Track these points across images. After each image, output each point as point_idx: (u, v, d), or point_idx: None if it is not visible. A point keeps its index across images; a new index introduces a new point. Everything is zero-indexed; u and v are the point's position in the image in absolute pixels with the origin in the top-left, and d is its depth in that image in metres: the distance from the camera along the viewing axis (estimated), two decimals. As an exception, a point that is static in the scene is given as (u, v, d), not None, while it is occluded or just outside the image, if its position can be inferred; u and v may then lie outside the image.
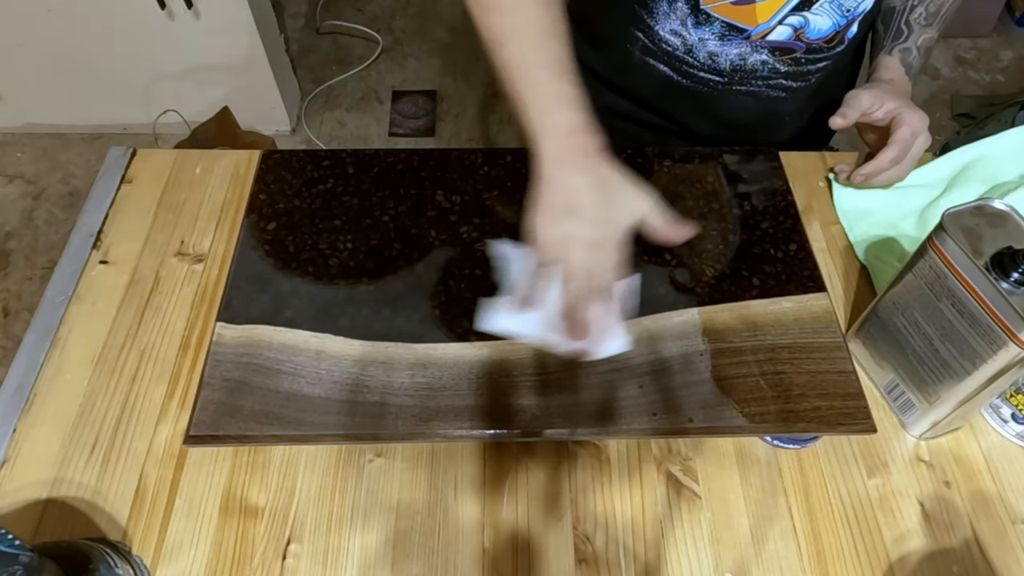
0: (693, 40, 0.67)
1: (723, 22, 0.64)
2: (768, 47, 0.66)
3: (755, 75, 0.69)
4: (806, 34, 0.65)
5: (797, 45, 0.66)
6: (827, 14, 0.64)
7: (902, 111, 0.63)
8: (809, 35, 0.65)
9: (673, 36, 0.67)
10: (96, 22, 1.54)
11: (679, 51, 0.68)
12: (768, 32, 0.65)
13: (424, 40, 2.10)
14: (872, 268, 0.64)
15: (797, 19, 0.64)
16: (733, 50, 0.67)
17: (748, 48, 0.66)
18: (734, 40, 0.66)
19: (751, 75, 0.69)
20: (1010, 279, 0.44)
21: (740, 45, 0.66)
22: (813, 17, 0.64)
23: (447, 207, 0.60)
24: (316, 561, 0.49)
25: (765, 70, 0.68)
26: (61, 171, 1.77)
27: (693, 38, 0.66)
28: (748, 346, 0.52)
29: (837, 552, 0.50)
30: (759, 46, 0.66)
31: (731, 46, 0.66)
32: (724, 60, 0.67)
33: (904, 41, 0.69)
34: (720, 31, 0.65)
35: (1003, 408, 0.55)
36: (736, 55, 0.67)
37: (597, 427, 0.49)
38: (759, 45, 0.66)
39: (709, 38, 0.66)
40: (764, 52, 0.67)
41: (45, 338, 0.58)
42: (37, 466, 0.52)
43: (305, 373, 0.50)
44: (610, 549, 0.50)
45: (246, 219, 0.59)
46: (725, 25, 0.65)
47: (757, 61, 0.68)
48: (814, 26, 0.65)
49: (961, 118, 1.85)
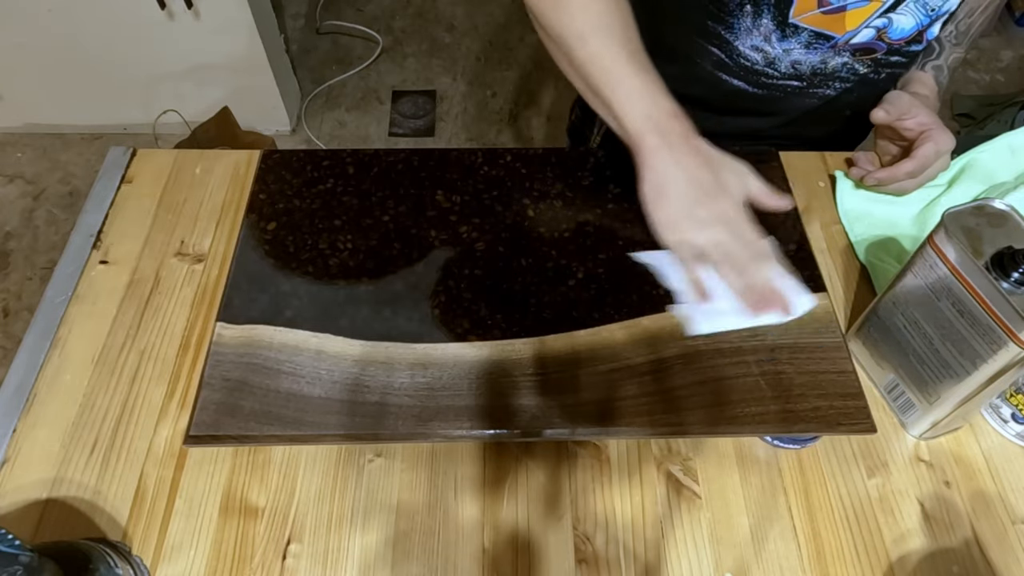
0: (777, 52, 0.66)
1: (811, 31, 0.64)
2: (851, 49, 0.66)
3: (834, 76, 0.68)
4: (888, 34, 0.65)
5: (879, 45, 0.66)
6: (912, 14, 0.63)
7: (933, 129, 0.62)
8: (892, 35, 0.65)
9: (754, 52, 0.66)
10: (96, 22, 1.54)
11: (759, 65, 0.67)
12: (853, 37, 0.64)
13: (424, 40, 2.10)
14: (872, 268, 0.64)
15: (882, 20, 0.63)
16: (816, 57, 0.66)
17: (831, 52, 0.66)
18: (820, 48, 0.65)
19: (830, 77, 0.68)
20: (1010, 279, 0.44)
21: (825, 52, 0.66)
22: (897, 17, 0.63)
23: (447, 207, 0.60)
24: (316, 561, 0.49)
25: (844, 71, 0.68)
26: (61, 171, 1.77)
27: (777, 51, 0.65)
28: (748, 346, 0.52)
29: (837, 552, 0.50)
30: (842, 50, 0.66)
31: (815, 54, 0.66)
32: (806, 66, 0.67)
33: (936, 58, 0.68)
34: (807, 40, 0.64)
35: (1003, 408, 0.55)
36: (818, 60, 0.66)
37: (597, 427, 0.49)
38: (842, 49, 0.66)
39: (795, 48, 0.65)
40: (846, 55, 0.66)
41: (45, 338, 0.58)
42: (37, 466, 0.52)
43: (305, 373, 0.50)
44: (610, 549, 0.50)
45: (246, 219, 0.59)
46: (813, 34, 0.64)
47: (838, 64, 0.67)
48: (897, 26, 0.64)
49: (961, 118, 1.85)
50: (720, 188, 0.49)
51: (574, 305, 0.54)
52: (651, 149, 0.49)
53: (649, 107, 0.49)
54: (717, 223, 0.48)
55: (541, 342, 0.52)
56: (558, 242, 0.58)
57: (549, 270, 0.56)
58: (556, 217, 0.59)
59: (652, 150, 0.49)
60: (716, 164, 0.50)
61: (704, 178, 0.48)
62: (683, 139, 0.49)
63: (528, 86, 2.00)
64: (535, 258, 0.57)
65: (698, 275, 0.51)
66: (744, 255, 0.48)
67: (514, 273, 0.56)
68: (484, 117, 1.93)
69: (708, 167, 0.49)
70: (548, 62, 2.19)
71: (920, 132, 0.63)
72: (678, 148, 0.49)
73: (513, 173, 0.62)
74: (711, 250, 0.48)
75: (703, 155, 0.49)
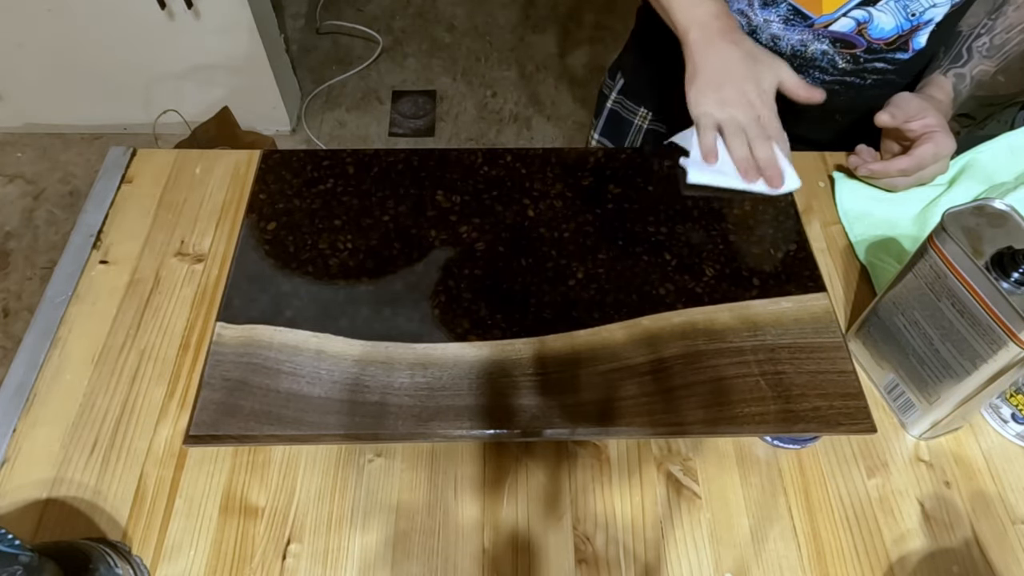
0: (758, 21, 0.68)
1: (789, 5, 0.66)
2: (830, 37, 0.67)
3: (814, 63, 0.70)
4: (868, 31, 0.66)
5: (858, 40, 0.67)
6: (892, 13, 0.65)
7: (937, 131, 0.63)
8: (872, 32, 0.66)
9: (739, 15, 0.68)
10: (96, 22, 1.54)
11: (744, 30, 0.68)
12: (832, 22, 0.66)
13: (424, 40, 2.10)
14: (872, 268, 0.64)
15: (862, 13, 0.65)
16: (795, 36, 0.68)
17: (811, 36, 0.68)
18: (797, 26, 0.67)
19: (810, 63, 0.70)
20: (1010, 279, 0.44)
21: (803, 32, 0.67)
22: (877, 14, 0.65)
23: (447, 207, 0.60)
24: (316, 561, 0.49)
25: (824, 60, 0.69)
26: (61, 171, 1.77)
27: (759, 19, 0.68)
28: (748, 346, 0.52)
29: (837, 552, 0.50)
30: (821, 35, 0.67)
31: (794, 32, 0.67)
32: (786, 44, 0.69)
33: (961, 66, 0.69)
34: (785, 14, 0.66)
35: (1003, 408, 0.55)
36: (798, 41, 0.68)
37: (597, 427, 0.49)
38: (821, 34, 0.67)
39: (774, 20, 0.67)
40: (825, 42, 0.68)
41: (45, 338, 0.58)
42: (37, 466, 0.52)
43: (305, 373, 0.50)
44: (610, 549, 0.50)
45: (246, 219, 0.59)
46: (791, 8, 0.66)
47: (818, 50, 0.68)
48: (877, 23, 0.65)
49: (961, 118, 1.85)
50: (749, 75, 0.59)
51: (574, 305, 0.54)
52: (693, 42, 0.60)
53: (698, 11, 0.61)
54: (738, 103, 0.59)
55: (541, 342, 0.52)
56: (558, 242, 0.58)
57: (549, 270, 0.56)
58: (556, 217, 0.59)
59: (694, 43, 0.60)
60: (751, 56, 0.60)
61: (735, 67, 0.59)
62: (721, 34, 0.60)
63: (528, 86, 2.00)
64: (535, 258, 0.57)
65: (711, 141, 0.60)
66: (753, 132, 0.59)
67: (514, 273, 0.56)
68: (484, 117, 1.93)
69: (741, 58, 0.59)
70: (549, 62, 2.19)
71: (923, 133, 0.63)
72: (715, 42, 0.60)
73: (513, 173, 0.62)
74: (726, 123, 0.59)
75: (740, 48, 0.60)
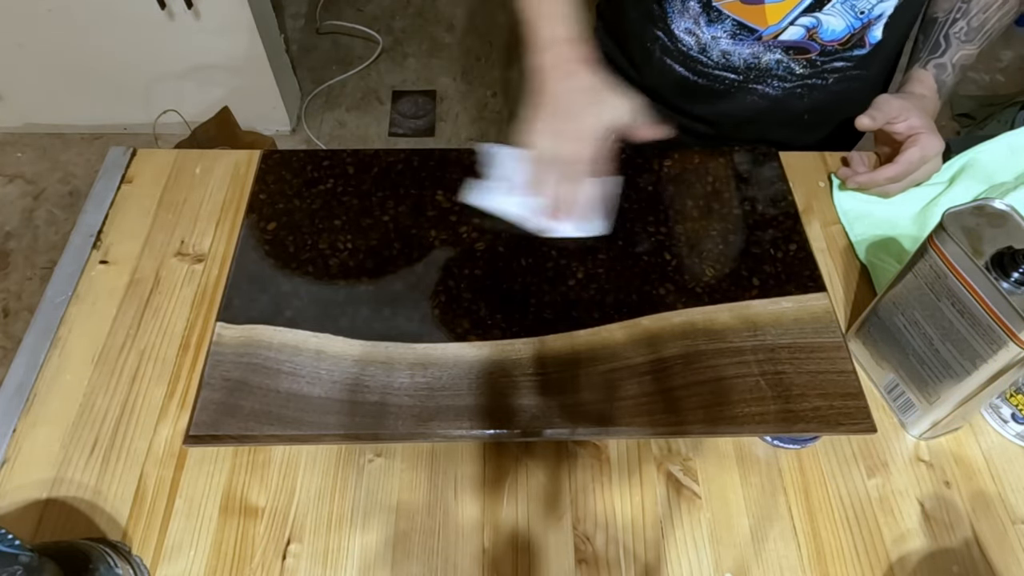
0: (706, 39, 0.67)
1: (734, 20, 0.65)
2: (781, 47, 0.66)
3: (770, 74, 0.69)
4: (819, 35, 0.65)
5: (811, 45, 0.66)
6: (840, 15, 0.64)
7: (921, 132, 0.62)
8: (823, 36, 0.65)
9: (687, 35, 0.67)
10: (96, 22, 1.54)
11: (693, 50, 0.68)
12: (780, 33, 0.65)
13: (424, 40, 2.10)
14: (872, 268, 0.64)
15: (809, 20, 0.64)
16: (746, 50, 0.67)
17: (761, 48, 0.66)
18: (746, 40, 0.66)
19: (765, 74, 0.69)
20: (1010, 279, 0.44)
21: (752, 45, 0.66)
22: (826, 18, 0.64)
23: (447, 207, 0.60)
24: (316, 561, 0.49)
25: (780, 69, 0.68)
26: (61, 171, 1.77)
27: (706, 36, 0.67)
28: (748, 346, 0.52)
29: (837, 552, 0.50)
30: (772, 46, 0.66)
31: (743, 46, 0.66)
32: (738, 58, 0.68)
33: (940, 56, 0.67)
34: (732, 29, 0.65)
35: (1003, 408, 0.55)
36: (749, 54, 0.67)
37: (597, 427, 0.49)
38: (772, 45, 0.66)
39: (721, 36, 0.66)
40: (778, 52, 0.67)
41: (45, 338, 0.58)
42: (37, 466, 0.52)
43: (305, 373, 0.50)
44: (610, 549, 0.50)
45: (246, 219, 0.59)
46: (736, 24, 0.65)
47: (771, 60, 0.68)
48: (827, 27, 0.64)
49: (961, 118, 1.85)
50: (587, 111, 0.54)
51: (574, 305, 0.54)
52: (540, 68, 0.55)
53: (554, 31, 0.56)
54: (567, 139, 0.54)
55: (541, 342, 0.52)
56: (558, 242, 0.58)
57: (549, 270, 0.56)
58: (556, 217, 0.59)
59: (541, 69, 0.55)
60: (595, 90, 0.55)
61: (575, 99, 0.54)
62: (573, 63, 0.55)
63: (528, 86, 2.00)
64: (535, 258, 0.57)
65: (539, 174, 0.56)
66: (567, 170, 0.54)
67: (514, 273, 0.56)
68: (484, 117, 1.93)
69: (584, 91, 0.54)
70: (548, 62, 2.12)
71: (909, 136, 0.62)
72: (563, 70, 0.55)
73: (513, 173, 0.62)
74: (544, 155, 0.54)
75: (584, 80, 0.55)
